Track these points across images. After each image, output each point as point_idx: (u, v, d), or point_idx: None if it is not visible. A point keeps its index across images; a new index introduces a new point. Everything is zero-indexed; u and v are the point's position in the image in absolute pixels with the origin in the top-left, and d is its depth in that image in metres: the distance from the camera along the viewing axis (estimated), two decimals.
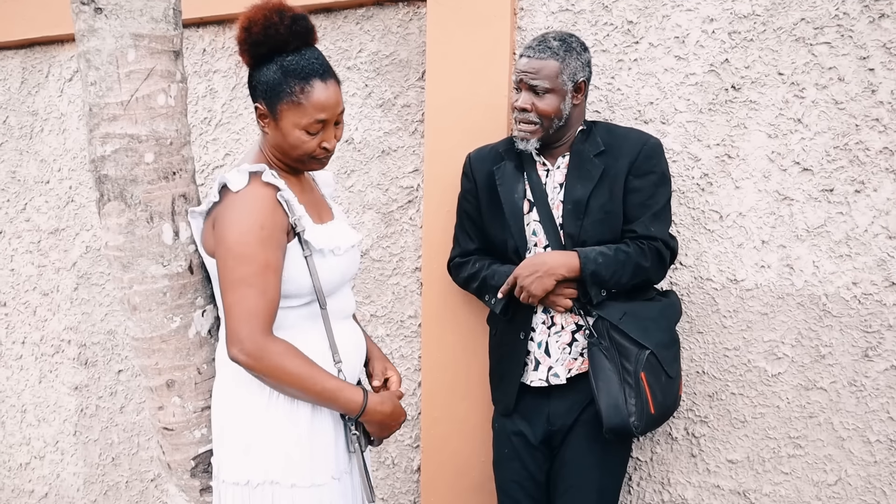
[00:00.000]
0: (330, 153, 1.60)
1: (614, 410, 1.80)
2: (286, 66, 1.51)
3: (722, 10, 2.06)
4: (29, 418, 3.18)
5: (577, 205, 1.90)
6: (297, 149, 1.56)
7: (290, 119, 1.53)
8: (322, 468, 1.58)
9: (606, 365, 1.83)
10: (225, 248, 1.49)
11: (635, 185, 1.90)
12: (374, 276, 2.53)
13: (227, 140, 2.73)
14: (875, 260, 1.95)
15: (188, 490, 1.69)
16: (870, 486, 1.98)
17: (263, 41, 1.50)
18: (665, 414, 1.90)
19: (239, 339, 1.47)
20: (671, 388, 1.90)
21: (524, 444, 2.00)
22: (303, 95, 1.51)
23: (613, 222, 1.90)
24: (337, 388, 1.53)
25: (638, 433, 1.82)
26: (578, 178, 1.92)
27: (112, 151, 1.56)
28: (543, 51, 1.88)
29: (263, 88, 1.54)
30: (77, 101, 3.00)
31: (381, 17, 2.49)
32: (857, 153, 1.95)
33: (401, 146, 2.48)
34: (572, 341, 1.94)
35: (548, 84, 1.87)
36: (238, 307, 1.47)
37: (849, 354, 1.98)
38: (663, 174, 1.94)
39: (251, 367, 1.48)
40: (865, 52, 1.94)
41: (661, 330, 1.91)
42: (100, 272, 2.99)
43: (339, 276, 1.63)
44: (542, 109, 1.89)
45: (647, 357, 1.83)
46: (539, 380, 1.95)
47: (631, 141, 1.93)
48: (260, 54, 1.53)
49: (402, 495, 2.54)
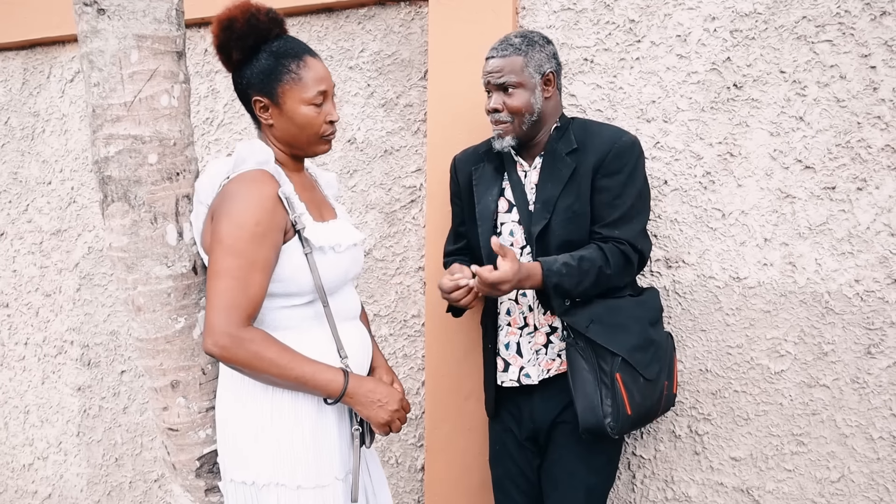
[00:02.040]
0: (334, 131, 1.65)
1: (590, 411, 1.78)
2: (276, 51, 1.57)
3: (723, 8, 2.06)
4: (32, 419, 3.18)
5: (546, 204, 1.87)
6: (308, 126, 1.59)
7: (293, 97, 1.57)
8: (326, 469, 1.58)
9: (583, 366, 1.81)
10: (217, 239, 1.50)
11: (602, 185, 1.85)
12: (378, 275, 2.53)
13: (229, 140, 2.73)
14: (877, 257, 1.95)
15: (193, 490, 1.69)
16: (873, 483, 1.98)
17: (248, 32, 1.55)
18: (647, 415, 1.87)
19: (213, 330, 1.47)
20: (651, 390, 1.86)
21: (513, 441, 2.01)
22: (301, 71, 1.57)
23: (581, 222, 1.86)
24: (315, 371, 1.52)
25: (614, 434, 1.79)
26: (549, 178, 1.89)
27: (116, 152, 1.56)
28: (505, 48, 1.87)
29: (259, 79, 1.57)
30: (79, 102, 3.00)
31: (383, 16, 2.49)
32: (859, 151, 1.96)
33: (403, 146, 2.48)
34: (547, 342, 1.92)
35: (514, 79, 1.86)
36: (218, 298, 1.47)
37: (851, 352, 1.98)
38: (633, 173, 1.86)
39: (224, 359, 1.49)
40: (867, 50, 1.94)
41: (632, 334, 1.84)
42: (102, 273, 3.00)
43: (341, 274, 1.63)
44: (512, 106, 1.87)
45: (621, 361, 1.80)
46: (510, 380, 1.95)
47: (603, 138, 1.88)
48: (247, 47, 1.56)
49: (405, 494, 2.55)
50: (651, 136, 2.14)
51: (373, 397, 1.58)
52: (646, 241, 1.90)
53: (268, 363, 1.49)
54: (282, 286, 1.56)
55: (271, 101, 1.58)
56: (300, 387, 1.53)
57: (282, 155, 1.64)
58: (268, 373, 1.50)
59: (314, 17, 2.59)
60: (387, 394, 1.61)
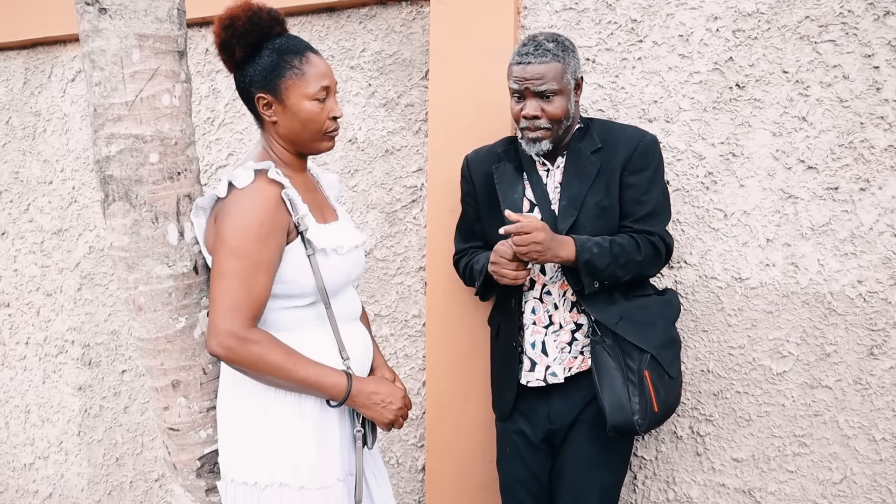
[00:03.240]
0: (338, 127, 1.65)
1: (618, 408, 1.79)
2: (278, 48, 1.57)
3: (726, 8, 2.05)
4: (33, 419, 3.18)
5: (573, 201, 1.89)
6: (312, 122, 1.59)
7: (296, 92, 1.57)
8: (329, 470, 1.58)
9: (610, 363, 1.82)
10: (220, 240, 1.49)
11: (631, 182, 1.88)
12: (378, 275, 2.53)
13: (230, 140, 2.73)
14: (880, 258, 1.95)
15: (194, 490, 1.69)
16: (875, 485, 1.98)
17: (251, 29, 1.56)
18: (668, 412, 1.90)
19: (217, 331, 1.47)
20: (674, 387, 1.90)
21: (526, 443, 2.00)
22: (304, 66, 1.57)
23: (609, 218, 1.89)
24: (319, 374, 1.53)
25: (642, 431, 1.81)
26: (576, 176, 1.91)
27: (117, 152, 1.56)
28: (543, 54, 1.83)
29: (261, 76, 1.57)
30: (80, 102, 3.00)
31: (384, 16, 2.49)
32: (862, 151, 1.95)
33: (404, 145, 2.48)
34: (572, 340, 1.93)
35: (555, 86, 1.84)
36: (222, 300, 1.47)
37: (854, 352, 1.98)
38: (658, 170, 1.92)
39: (229, 360, 1.49)
40: (870, 50, 1.93)
41: (659, 331, 1.89)
42: (103, 272, 2.99)
43: (343, 276, 1.63)
44: (553, 113, 1.85)
45: (649, 358, 1.83)
46: (536, 380, 1.95)
47: (627, 137, 1.92)
48: (249, 44, 1.56)
49: (406, 495, 2.54)
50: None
51: (376, 398, 1.59)
52: (671, 237, 1.94)
53: (272, 365, 1.49)
54: (284, 287, 1.56)
55: (274, 98, 1.58)
56: (304, 389, 1.53)
57: (286, 154, 1.64)
58: (272, 374, 1.50)
59: (315, 16, 2.58)
60: (390, 393, 1.62)
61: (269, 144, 1.64)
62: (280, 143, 1.63)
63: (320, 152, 1.67)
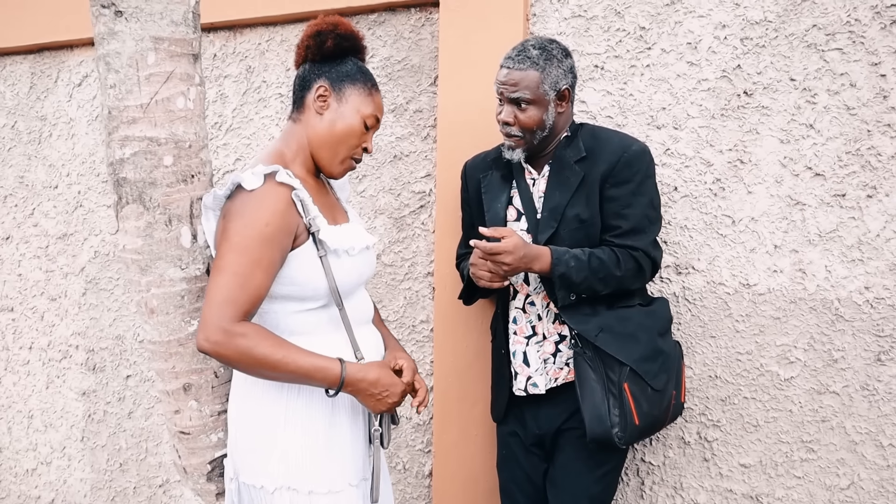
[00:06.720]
0: (360, 160, 1.71)
1: (597, 421, 1.78)
2: (361, 67, 1.67)
3: (734, 16, 2.07)
4: (36, 424, 3.17)
5: (553, 212, 1.85)
6: (348, 137, 1.63)
7: (355, 102, 1.63)
8: (339, 475, 1.58)
9: (591, 375, 1.80)
10: (225, 236, 1.48)
11: (611, 195, 1.83)
12: (386, 280, 2.53)
13: (237, 145, 2.73)
14: (887, 264, 1.96)
15: (204, 494, 1.69)
16: (882, 490, 1.98)
17: (349, 37, 1.65)
18: (654, 425, 1.87)
19: (205, 325, 1.43)
20: (659, 400, 1.85)
21: (520, 445, 2.01)
22: (373, 92, 1.66)
23: (589, 231, 1.84)
24: (311, 364, 1.48)
25: (621, 444, 1.79)
26: (557, 186, 1.87)
27: (131, 154, 1.56)
28: (523, 61, 1.81)
29: (336, 74, 1.63)
30: (86, 107, 3.00)
31: (393, 22, 2.50)
32: (869, 158, 1.96)
33: (413, 151, 2.48)
34: (556, 351, 1.92)
35: (529, 95, 1.81)
36: (215, 293, 1.45)
37: (861, 358, 1.98)
38: (643, 182, 1.84)
39: (216, 355, 1.45)
40: (877, 58, 1.95)
41: (641, 344, 1.84)
42: (108, 277, 2.99)
43: (355, 277, 1.63)
44: (524, 122, 1.84)
45: (629, 371, 1.80)
46: (518, 389, 1.95)
47: (612, 147, 1.85)
48: (340, 47, 1.63)
49: (413, 500, 2.54)
50: (661, 143, 2.15)
51: (373, 390, 1.55)
52: (658, 250, 1.90)
53: (260, 359, 1.45)
54: (297, 290, 1.55)
55: (335, 94, 1.62)
56: (298, 380, 1.50)
57: (302, 154, 1.64)
58: (261, 368, 1.46)
59: None
60: (390, 384, 1.57)
61: (289, 141, 1.64)
62: (303, 142, 1.63)
63: (331, 175, 1.67)
